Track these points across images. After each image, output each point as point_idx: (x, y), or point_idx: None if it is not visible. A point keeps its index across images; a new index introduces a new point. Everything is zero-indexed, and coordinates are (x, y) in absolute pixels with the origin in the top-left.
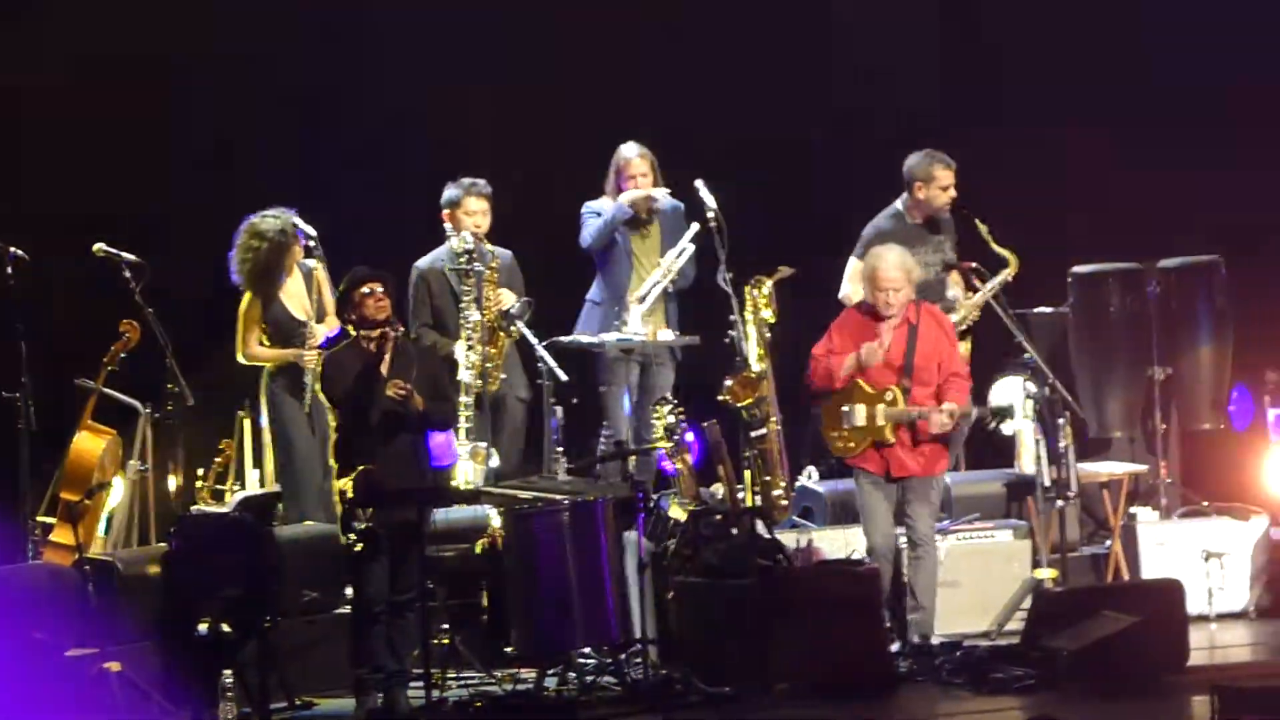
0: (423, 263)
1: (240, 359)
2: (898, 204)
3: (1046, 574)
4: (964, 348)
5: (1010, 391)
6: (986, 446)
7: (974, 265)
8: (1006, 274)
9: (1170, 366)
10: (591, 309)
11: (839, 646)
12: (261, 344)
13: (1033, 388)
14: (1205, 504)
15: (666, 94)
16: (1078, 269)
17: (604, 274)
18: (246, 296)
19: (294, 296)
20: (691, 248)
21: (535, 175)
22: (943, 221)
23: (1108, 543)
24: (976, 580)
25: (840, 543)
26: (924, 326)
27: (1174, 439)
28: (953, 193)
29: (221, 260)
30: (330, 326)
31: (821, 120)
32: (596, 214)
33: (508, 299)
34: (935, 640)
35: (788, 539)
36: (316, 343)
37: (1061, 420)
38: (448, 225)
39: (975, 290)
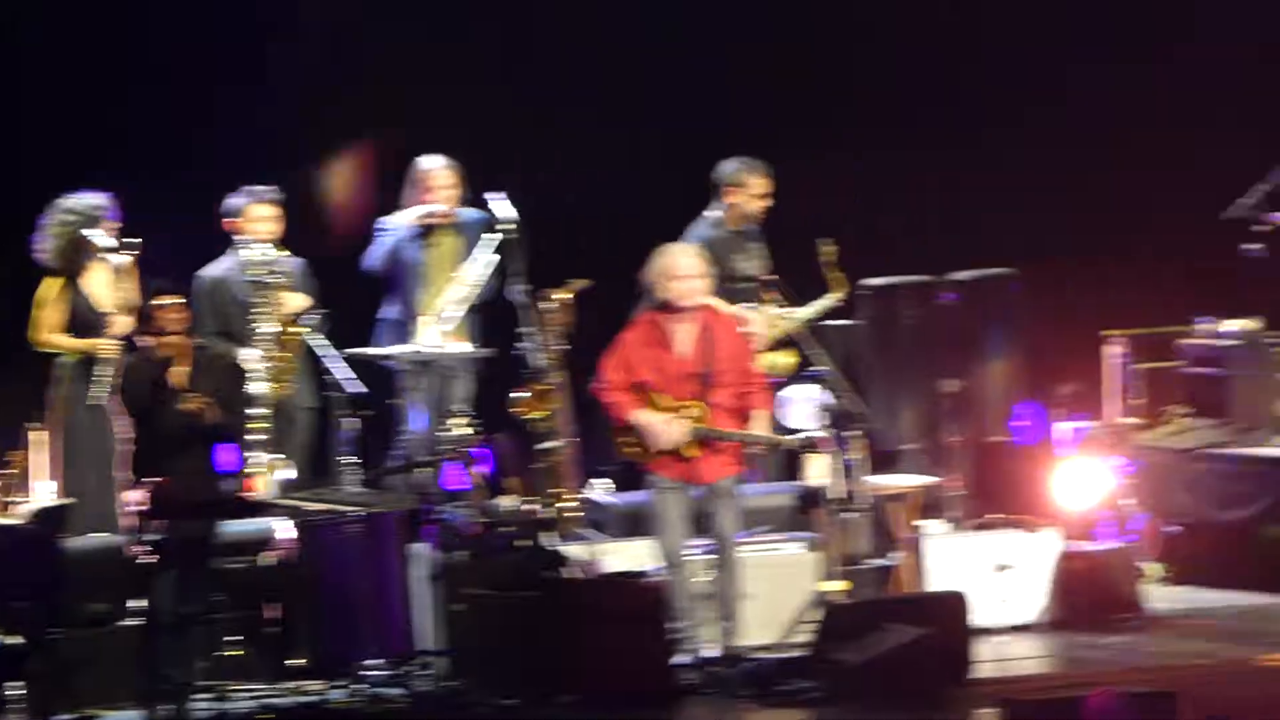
0: (210, 271)
1: (34, 343)
2: (713, 212)
3: (836, 586)
4: (789, 360)
5: (800, 403)
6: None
7: (776, 278)
8: (836, 298)
9: (962, 379)
10: (387, 326)
11: (624, 658)
12: (61, 332)
13: (824, 400)
14: (995, 517)
15: (478, 102)
16: (869, 281)
17: (396, 290)
18: (52, 279)
19: (99, 288)
20: (493, 259)
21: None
22: (752, 232)
23: (898, 555)
24: (766, 592)
25: (630, 555)
26: (720, 329)
27: (965, 452)
28: (767, 201)
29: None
30: (133, 323)
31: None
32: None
33: (295, 302)
34: (724, 652)
35: (577, 551)
36: (116, 333)
37: (852, 432)
38: (236, 236)
39: (778, 305)
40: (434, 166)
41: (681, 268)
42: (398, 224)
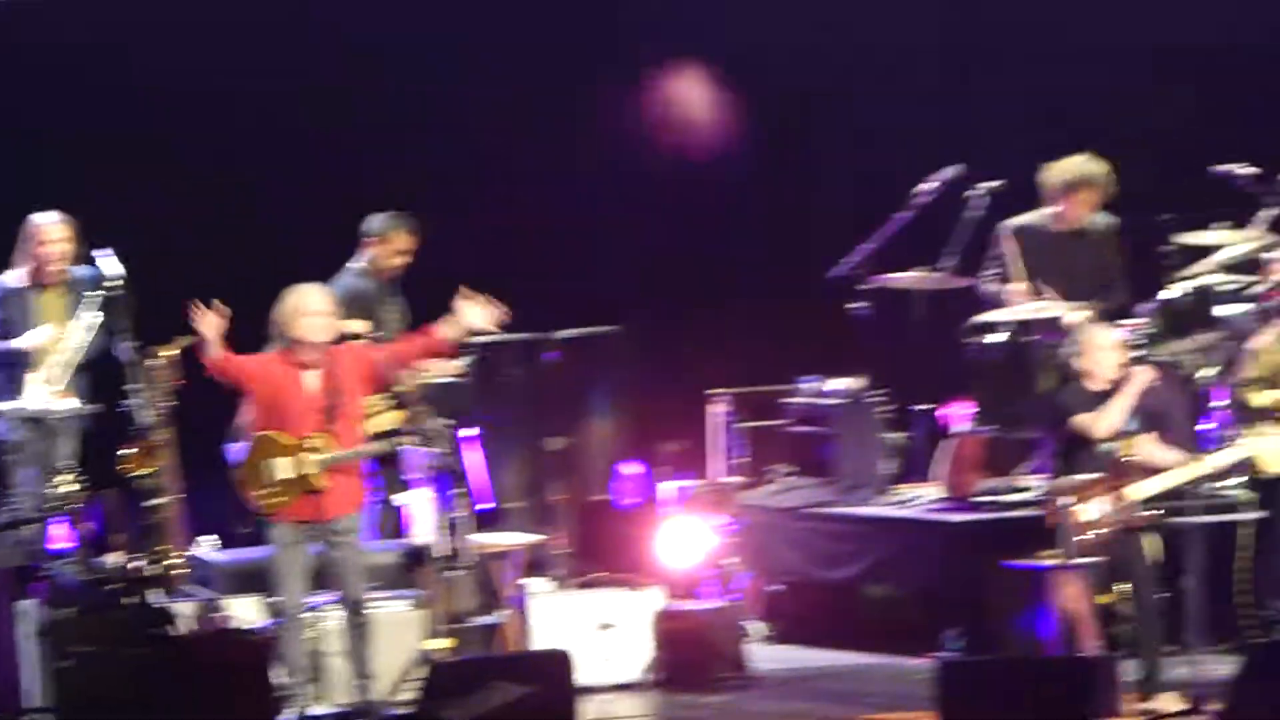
0: None
1: None
2: (356, 263)
3: (441, 644)
4: (395, 416)
5: (404, 459)
6: (385, 516)
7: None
8: (460, 366)
9: (565, 437)
10: None
11: (229, 716)
12: None
13: (429, 456)
14: (599, 575)
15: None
16: (474, 339)
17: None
18: None
19: None
20: (99, 316)
21: None
22: (393, 286)
23: (503, 613)
24: (372, 650)
25: (238, 611)
26: (342, 363)
27: (569, 510)
28: (407, 258)
29: None
30: None
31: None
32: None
33: None
34: (330, 710)
35: (184, 608)
36: None
37: (456, 490)
38: None
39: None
40: (45, 223)
41: (311, 304)
42: (13, 281)
